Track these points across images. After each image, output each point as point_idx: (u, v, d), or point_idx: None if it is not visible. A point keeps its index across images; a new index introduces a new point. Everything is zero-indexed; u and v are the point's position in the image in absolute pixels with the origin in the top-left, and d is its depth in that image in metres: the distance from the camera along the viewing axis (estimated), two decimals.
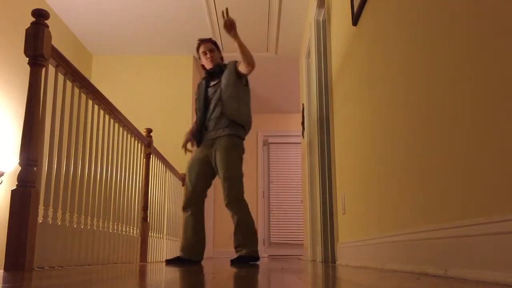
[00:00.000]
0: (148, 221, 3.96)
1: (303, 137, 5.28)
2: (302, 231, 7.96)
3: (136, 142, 3.83)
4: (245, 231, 3.16)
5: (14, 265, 1.91)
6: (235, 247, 3.17)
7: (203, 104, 3.36)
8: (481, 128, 1.11)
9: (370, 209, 2.25)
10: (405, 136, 1.70)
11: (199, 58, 3.52)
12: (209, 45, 3.48)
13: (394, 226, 1.84)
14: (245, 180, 8.39)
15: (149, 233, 4.01)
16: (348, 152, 2.82)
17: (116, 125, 3.42)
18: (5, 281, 1.24)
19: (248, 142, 8.54)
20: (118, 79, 6.01)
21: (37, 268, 2.07)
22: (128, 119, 3.52)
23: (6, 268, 1.91)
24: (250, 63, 3.23)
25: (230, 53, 6.01)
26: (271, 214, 8.21)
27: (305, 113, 4.97)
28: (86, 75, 5.77)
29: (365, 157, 2.36)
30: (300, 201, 8.20)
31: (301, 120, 5.46)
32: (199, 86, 3.49)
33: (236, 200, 3.16)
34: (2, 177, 3.90)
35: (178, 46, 5.81)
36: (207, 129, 3.33)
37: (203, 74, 4.00)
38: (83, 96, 3.04)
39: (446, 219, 1.33)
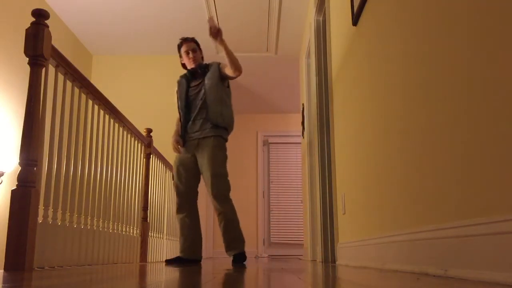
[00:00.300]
0: (148, 221, 3.96)
1: (303, 137, 5.28)
2: (302, 231, 7.96)
3: (136, 142, 3.83)
4: (236, 230, 3.18)
5: (14, 265, 1.91)
6: (227, 246, 3.16)
7: (185, 104, 3.36)
8: (481, 127, 1.11)
9: (370, 209, 2.25)
10: (405, 136, 1.70)
11: (180, 57, 3.51)
12: (192, 44, 3.48)
13: (394, 226, 1.84)
14: (245, 180, 8.41)
15: (149, 233, 4.02)
16: (348, 152, 2.82)
17: (116, 125, 3.42)
18: (5, 281, 1.24)
19: (248, 142, 8.54)
20: (118, 79, 6.01)
21: (37, 268, 2.07)
22: (128, 119, 3.52)
23: (6, 268, 1.91)
24: (238, 69, 3.25)
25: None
26: (271, 214, 8.21)
27: (305, 113, 4.97)
28: (86, 75, 5.77)
29: (365, 157, 2.36)
30: (300, 201, 8.20)
31: (301, 120, 5.46)
32: (179, 84, 3.45)
33: (225, 198, 3.18)
34: (2, 177, 3.90)
35: None
36: (191, 128, 3.32)
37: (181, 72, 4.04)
38: (83, 96, 3.05)
39: (446, 219, 1.33)
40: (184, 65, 3.52)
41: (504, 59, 1.01)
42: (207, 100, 3.28)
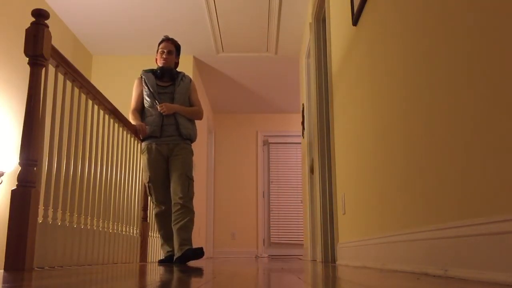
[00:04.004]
0: (148, 221, 3.96)
1: (303, 137, 5.28)
2: (302, 231, 7.96)
3: (136, 142, 3.83)
4: (191, 230, 3.25)
5: (14, 265, 1.91)
6: (180, 243, 3.19)
7: (155, 101, 3.40)
8: (482, 128, 1.11)
9: (370, 209, 2.25)
10: (406, 136, 1.70)
11: (157, 51, 3.57)
12: (171, 46, 3.55)
13: (394, 226, 1.84)
14: (245, 180, 8.41)
15: (149, 233, 4.02)
16: (348, 152, 2.82)
17: (116, 125, 3.42)
18: (5, 281, 1.24)
19: (248, 142, 8.54)
20: (118, 79, 6.01)
21: (37, 268, 2.07)
22: (128, 119, 3.52)
23: (6, 268, 1.91)
24: (198, 118, 3.54)
25: (230, 53, 6.01)
26: (271, 214, 8.21)
27: (305, 113, 4.97)
28: (86, 75, 5.77)
29: (365, 157, 2.36)
30: (300, 201, 8.20)
31: (301, 120, 5.46)
32: (148, 79, 3.47)
33: (191, 200, 3.31)
34: (2, 177, 3.90)
35: None
36: (164, 131, 3.38)
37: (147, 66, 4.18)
38: (83, 96, 3.05)
39: (446, 219, 1.33)
40: (157, 61, 3.60)
41: (505, 57, 1.01)
42: (177, 117, 3.38)
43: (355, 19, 2.48)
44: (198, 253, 3.11)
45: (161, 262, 3.40)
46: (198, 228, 6.58)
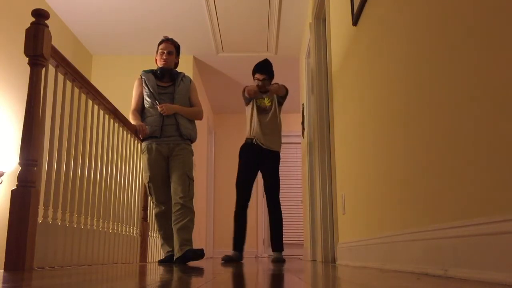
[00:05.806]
0: (148, 221, 3.96)
1: (303, 137, 5.28)
2: (302, 231, 7.96)
3: (136, 142, 3.83)
4: (191, 230, 3.26)
5: (14, 265, 1.91)
6: (181, 244, 3.18)
7: (155, 102, 3.41)
8: (482, 128, 1.11)
9: (371, 209, 2.25)
10: (406, 136, 1.70)
11: (156, 52, 3.58)
12: (170, 46, 3.55)
13: (394, 226, 1.84)
14: None
15: (149, 233, 4.02)
16: (348, 152, 2.82)
17: (116, 125, 3.42)
18: (5, 281, 1.24)
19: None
20: (118, 79, 6.01)
21: (37, 268, 2.07)
22: (128, 119, 3.53)
23: (6, 268, 1.91)
24: (198, 119, 3.55)
25: (230, 53, 6.01)
26: None
27: (305, 113, 4.97)
28: (86, 75, 5.77)
29: (365, 157, 2.36)
30: (300, 201, 8.19)
31: (301, 120, 5.46)
32: (148, 79, 3.48)
33: (191, 200, 3.32)
34: (2, 177, 3.90)
35: None
36: (163, 131, 3.39)
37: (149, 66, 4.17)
38: (83, 96, 3.06)
39: (446, 219, 1.33)
40: (156, 61, 3.61)
41: (507, 57, 1.01)
42: (177, 117, 3.40)
43: (355, 19, 2.48)
44: (199, 254, 3.11)
45: (161, 262, 3.41)
46: (198, 228, 6.58)
